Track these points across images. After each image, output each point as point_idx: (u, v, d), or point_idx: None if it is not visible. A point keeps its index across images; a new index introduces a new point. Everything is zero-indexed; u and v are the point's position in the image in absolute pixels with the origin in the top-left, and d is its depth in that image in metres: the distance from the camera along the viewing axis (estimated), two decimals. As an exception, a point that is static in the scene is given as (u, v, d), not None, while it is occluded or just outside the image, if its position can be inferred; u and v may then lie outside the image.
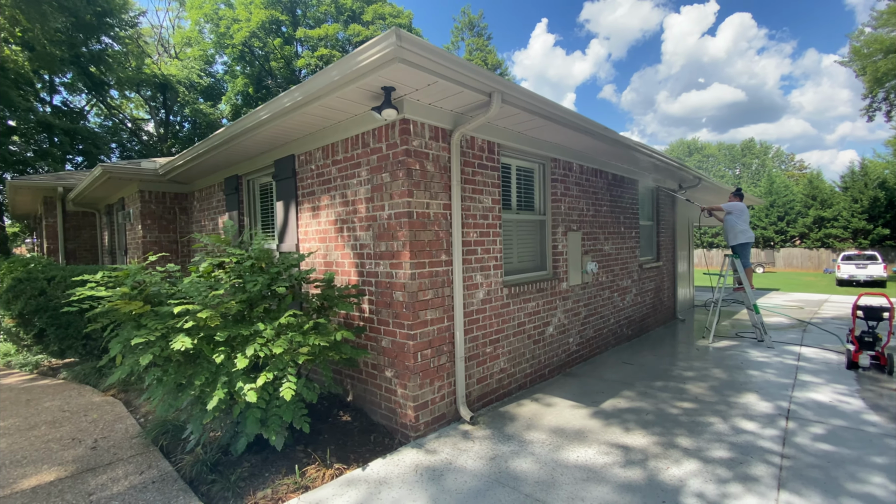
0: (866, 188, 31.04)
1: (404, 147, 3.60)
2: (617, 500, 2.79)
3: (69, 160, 23.55)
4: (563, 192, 5.70)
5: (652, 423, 3.99)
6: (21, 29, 10.35)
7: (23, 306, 5.69)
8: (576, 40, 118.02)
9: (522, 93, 3.72)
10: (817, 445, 3.51)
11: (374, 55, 2.83)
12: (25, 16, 10.12)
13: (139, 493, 2.96)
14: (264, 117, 4.06)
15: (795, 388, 4.89)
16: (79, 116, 24.62)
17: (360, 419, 4.04)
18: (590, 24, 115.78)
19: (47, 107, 22.06)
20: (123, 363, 2.62)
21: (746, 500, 2.76)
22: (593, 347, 6.36)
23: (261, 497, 2.86)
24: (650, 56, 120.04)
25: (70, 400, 4.98)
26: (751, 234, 7.45)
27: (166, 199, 7.49)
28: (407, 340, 3.66)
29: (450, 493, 2.88)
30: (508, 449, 3.49)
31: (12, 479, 3.24)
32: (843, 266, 22.01)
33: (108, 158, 26.87)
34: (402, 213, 3.65)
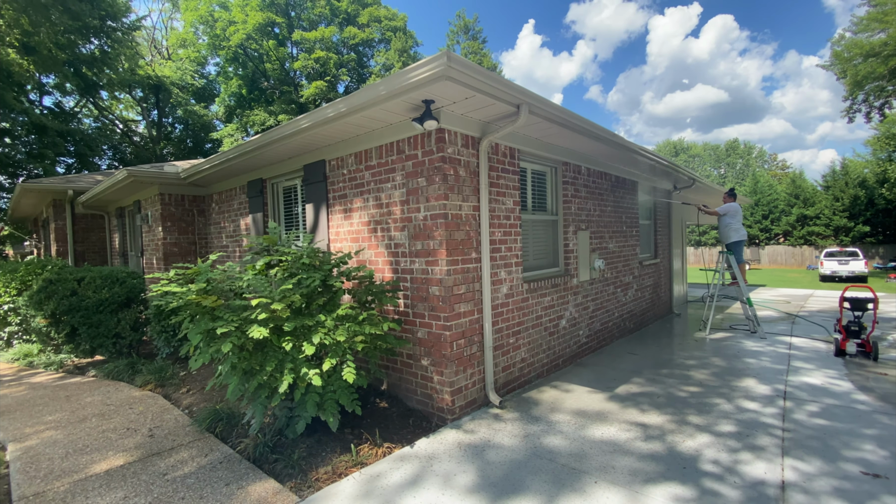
0: (847, 187, 32.11)
1: (440, 154, 3.92)
2: (643, 467, 3.15)
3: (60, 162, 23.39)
4: (573, 194, 6.07)
5: (664, 404, 4.37)
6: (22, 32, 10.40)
7: (55, 306, 5.88)
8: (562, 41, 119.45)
9: (547, 104, 4.07)
10: (814, 421, 3.91)
11: (424, 73, 3.15)
12: (31, 20, 10.20)
13: (211, 471, 3.24)
14: (305, 125, 4.35)
15: (789, 374, 5.32)
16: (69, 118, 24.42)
17: (396, 405, 4.35)
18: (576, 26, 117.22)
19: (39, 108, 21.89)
20: (205, 351, 2.90)
21: (757, 465, 3.14)
22: (600, 339, 6.74)
23: (323, 472, 3.16)
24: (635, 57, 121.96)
25: (109, 395, 5.20)
26: (744, 232, 7.92)
27: (185, 202, 7.71)
28: (444, 331, 3.99)
29: (494, 464, 3.21)
30: (538, 428, 3.83)
31: (82, 464, 3.49)
32: (825, 262, 22.85)
33: (100, 160, 26.70)
34: (438, 214, 3.97)
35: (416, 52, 28.50)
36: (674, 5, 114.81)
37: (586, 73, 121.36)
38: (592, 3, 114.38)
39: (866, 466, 3.12)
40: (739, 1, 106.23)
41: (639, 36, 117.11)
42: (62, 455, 3.66)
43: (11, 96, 16.72)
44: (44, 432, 4.17)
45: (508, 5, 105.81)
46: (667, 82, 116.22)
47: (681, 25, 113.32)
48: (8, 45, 11.62)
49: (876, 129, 31.45)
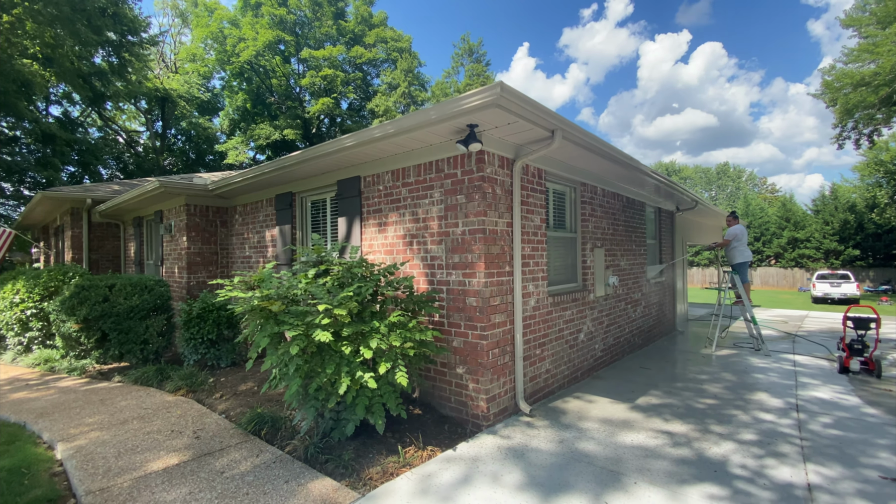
0: (836, 211, 32.92)
1: (480, 174, 4.20)
2: (676, 469, 3.36)
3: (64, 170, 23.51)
4: (590, 213, 6.37)
5: (684, 414, 4.59)
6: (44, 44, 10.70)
7: (88, 311, 6.00)
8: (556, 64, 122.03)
9: (579, 130, 4.38)
10: (828, 431, 4.15)
11: (476, 101, 3.44)
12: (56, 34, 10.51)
13: (266, 470, 3.39)
14: (349, 144, 4.62)
15: (798, 388, 5.57)
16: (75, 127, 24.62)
17: (429, 412, 4.52)
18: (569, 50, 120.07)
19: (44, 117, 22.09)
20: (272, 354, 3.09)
21: (782, 470, 3.36)
22: (613, 354, 6.97)
23: (375, 472, 3.33)
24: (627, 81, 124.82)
25: (143, 399, 5.31)
26: (749, 253, 8.26)
27: (209, 213, 7.91)
28: (480, 340, 4.20)
29: (536, 466, 3.40)
30: (570, 435, 4.03)
31: (138, 463, 3.62)
32: (818, 285, 23.33)
33: (104, 169, 26.83)
34: (476, 229, 4.23)
35: (419, 72, 29.22)
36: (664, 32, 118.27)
37: (579, 96, 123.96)
38: (585, 28, 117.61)
39: (884, 472, 3.34)
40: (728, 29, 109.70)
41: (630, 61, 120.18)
42: (115, 454, 3.78)
43: (23, 105, 16.95)
44: (89, 433, 4.28)
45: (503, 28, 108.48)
46: (657, 106, 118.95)
47: (671, 51, 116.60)
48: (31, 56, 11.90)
49: (864, 156, 32.51)
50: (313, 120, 27.13)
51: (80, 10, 10.56)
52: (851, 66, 22.48)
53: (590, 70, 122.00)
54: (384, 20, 28.70)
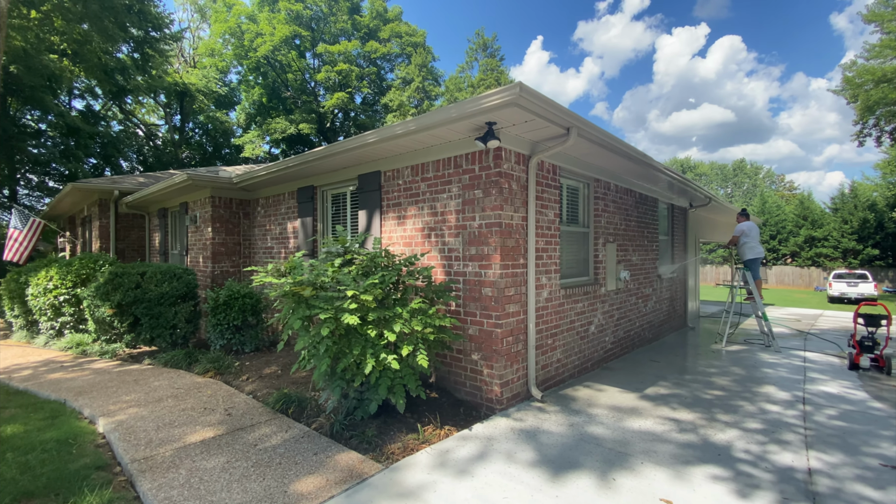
0: (856, 210, 32.34)
1: (497, 169, 4.38)
2: (681, 453, 3.54)
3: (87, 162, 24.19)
4: (602, 209, 6.51)
5: (692, 404, 4.74)
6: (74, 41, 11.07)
7: (121, 297, 6.34)
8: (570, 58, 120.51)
9: (593, 128, 4.53)
10: (833, 422, 4.28)
11: (496, 100, 3.62)
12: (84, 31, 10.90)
13: (296, 443, 3.65)
14: (372, 140, 4.83)
15: (806, 383, 5.67)
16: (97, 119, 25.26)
17: (445, 396, 4.74)
18: (583, 43, 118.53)
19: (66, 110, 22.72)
20: (304, 336, 3.33)
21: (784, 455, 3.51)
22: (623, 347, 7.11)
23: (396, 448, 3.56)
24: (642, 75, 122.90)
25: (174, 380, 5.63)
26: (760, 250, 8.31)
27: (233, 205, 8.20)
28: (495, 328, 4.40)
29: (547, 446, 3.60)
30: (580, 419, 4.22)
31: (177, 436, 3.90)
32: (834, 284, 23.06)
33: (124, 162, 27.48)
34: (493, 223, 4.42)
35: (433, 67, 29.31)
36: (681, 25, 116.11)
37: (593, 90, 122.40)
38: (600, 21, 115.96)
39: (885, 460, 3.48)
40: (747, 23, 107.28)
41: (646, 54, 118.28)
42: (154, 428, 4.07)
43: (49, 100, 17.50)
44: (127, 409, 4.59)
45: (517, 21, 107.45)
46: (673, 101, 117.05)
47: (688, 45, 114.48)
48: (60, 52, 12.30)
49: (886, 153, 31.85)
50: (327, 114, 27.43)
51: (109, 8, 10.92)
52: (873, 63, 22.05)
53: (604, 64, 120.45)
54: (399, 15, 28.81)
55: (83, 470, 3.39)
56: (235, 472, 3.22)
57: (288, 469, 3.24)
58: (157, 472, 3.23)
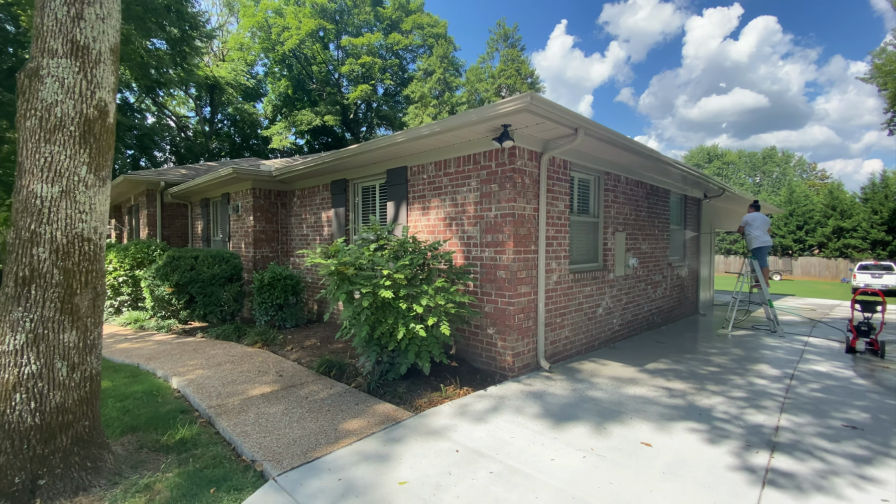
0: (886, 200, 31.51)
1: (511, 166, 4.96)
2: (667, 412, 4.11)
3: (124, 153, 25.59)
4: (612, 200, 7.00)
5: (686, 377, 5.29)
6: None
7: (179, 277, 7.19)
8: (595, 42, 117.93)
9: (599, 127, 5.05)
10: (812, 394, 4.77)
11: (510, 107, 4.19)
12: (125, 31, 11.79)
13: (340, 397, 4.37)
14: (401, 140, 5.46)
15: (800, 363, 6.12)
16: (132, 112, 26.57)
17: (463, 365, 5.40)
18: (609, 27, 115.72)
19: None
20: (348, 307, 4.01)
21: (758, 416, 4.06)
22: (631, 329, 7.64)
23: (423, 402, 4.24)
24: (670, 59, 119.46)
25: (228, 350, 6.45)
26: (766, 239, 8.64)
27: (271, 196, 8.99)
28: (508, 306, 5.02)
29: (551, 404, 4.23)
30: (582, 386, 4.82)
31: (240, 391, 4.68)
32: (858, 275, 22.76)
33: (159, 153, 28.87)
34: (507, 213, 5.01)
35: (454, 57, 29.64)
36: (713, 6, 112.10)
37: (618, 76, 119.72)
38: (627, 3, 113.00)
39: (848, 422, 3.98)
40: (783, 2, 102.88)
41: (675, 38, 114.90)
42: (220, 385, 4.86)
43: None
44: (194, 371, 5.41)
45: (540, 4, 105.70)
46: (703, 86, 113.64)
47: (720, 27, 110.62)
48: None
49: None
50: (351, 105, 28.17)
51: (151, 9, 11.77)
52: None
53: (631, 48, 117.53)
54: (420, 6, 29.17)
55: (170, 412, 4.18)
56: (293, 415, 3.95)
57: (335, 414, 3.96)
58: (230, 415, 4.00)
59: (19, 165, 2.71)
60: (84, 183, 2.79)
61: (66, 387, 2.73)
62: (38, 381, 2.64)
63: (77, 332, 2.77)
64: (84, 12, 2.78)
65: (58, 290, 2.68)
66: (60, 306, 2.69)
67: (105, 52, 2.89)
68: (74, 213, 2.75)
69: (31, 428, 2.62)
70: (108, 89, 2.93)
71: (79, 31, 2.76)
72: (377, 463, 3.09)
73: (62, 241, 2.70)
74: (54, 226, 2.68)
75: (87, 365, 2.85)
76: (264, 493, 2.74)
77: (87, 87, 2.80)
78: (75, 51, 2.75)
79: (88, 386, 2.87)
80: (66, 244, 2.71)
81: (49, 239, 2.67)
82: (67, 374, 2.74)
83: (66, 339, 2.72)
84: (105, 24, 2.88)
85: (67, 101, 2.73)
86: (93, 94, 2.82)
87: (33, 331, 2.63)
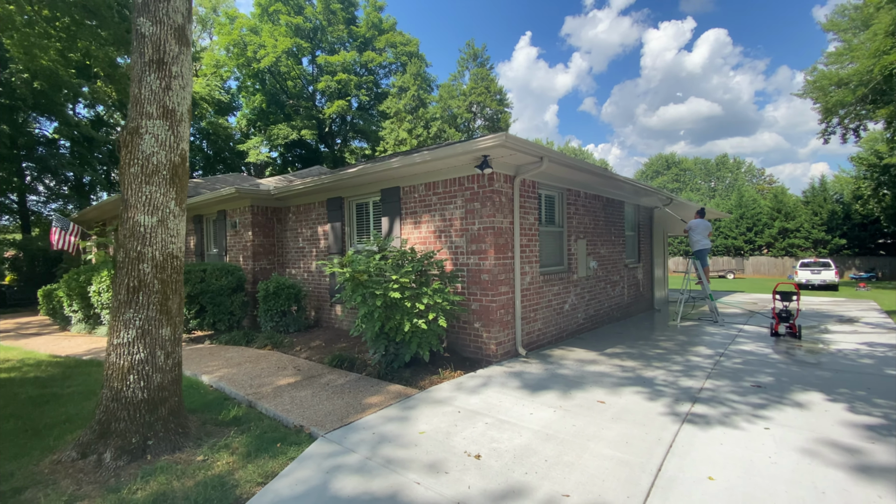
0: (825, 202, 34.57)
1: (491, 188, 6.02)
2: (619, 382, 5.21)
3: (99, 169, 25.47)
4: (574, 212, 8.17)
5: (637, 357, 6.44)
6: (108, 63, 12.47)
7: (190, 289, 7.88)
8: (558, 53, 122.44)
9: (559, 155, 6.18)
10: (735, 366, 5.99)
11: (489, 143, 5.25)
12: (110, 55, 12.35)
13: (355, 383, 5.27)
14: (396, 165, 6.44)
15: (731, 345, 7.40)
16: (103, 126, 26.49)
17: (454, 355, 6.38)
18: (571, 39, 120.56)
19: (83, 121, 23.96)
20: (361, 306, 4.94)
21: (688, 382, 5.21)
22: (593, 322, 8.81)
23: (425, 382, 5.20)
24: (630, 70, 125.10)
25: (242, 352, 7.21)
26: (706, 242, 10.04)
27: (268, 212, 9.76)
28: (491, 304, 6.05)
29: (528, 379, 5.26)
30: (553, 367, 5.89)
31: (267, 382, 5.50)
32: (800, 272, 25.11)
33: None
34: (488, 227, 6.06)
35: (426, 73, 30.88)
36: (668, 20, 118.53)
37: (581, 86, 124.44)
38: (587, 17, 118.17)
39: (756, 383, 5.19)
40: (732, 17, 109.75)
41: (633, 49, 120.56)
42: (247, 379, 5.67)
43: (63, 110, 18.82)
44: (219, 370, 6.18)
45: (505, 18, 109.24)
46: (661, 95, 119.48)
47: (675, 39, 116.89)
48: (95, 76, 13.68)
49: (861, 147, 33.99)
50: (326, 120, 28.87)
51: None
52: (832, 68, 24.00)
53: (592, 59, 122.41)
54: (393, 25, 30.31)
55: (215, 400, 4.99)
56: (321, 396, 4.84)
57: (356, 394, 4.87)
58: (267, 399, 4.84)
59: (125, 202, 3.56)
60: (173, 214, 3.66)
61: (163, 370, 3.57)
62: (145, 366, 3.47)
63: (170, 328, 3.62)
64: (171, 84, 3.67)
65: (157, 295, 3.53)
66: (159, 308, 3.54)
67: (185, 112, 3.77)
68: (167, 236, 3.61)
69: (140, 401, 3.45)
70: (186, 140, 3.81)
71: (168, 98, 3.64)
72: (399, 422, 4.03)
73: (159, 259, 3.56)
74: (154, 247, 3.54)
75: (176, 354, 3.70)
76: (319, 445, 3.64)
77: (174, 140, 3.68)
78: (165, 113, 3.63)
79: (177, 370, 3.71)
80: (162, 261, 3.57)
81: (151, 257, 3.52)
82: (164, 361, 3.58)
83: (163, 333, 3.57)
84: (185, 91, 3.77)
85: (161, 152, 3.60)
86: (178, 145, 3.70)
87: (141, 327, 3.47)
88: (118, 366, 3.42)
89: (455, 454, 3.41)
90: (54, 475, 3.22)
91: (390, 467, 3.22)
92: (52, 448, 3.70)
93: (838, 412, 4.22)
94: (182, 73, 3.75)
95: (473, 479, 3.05)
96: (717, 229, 38.32)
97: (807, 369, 5.76)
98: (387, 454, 3.43)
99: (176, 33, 3.72)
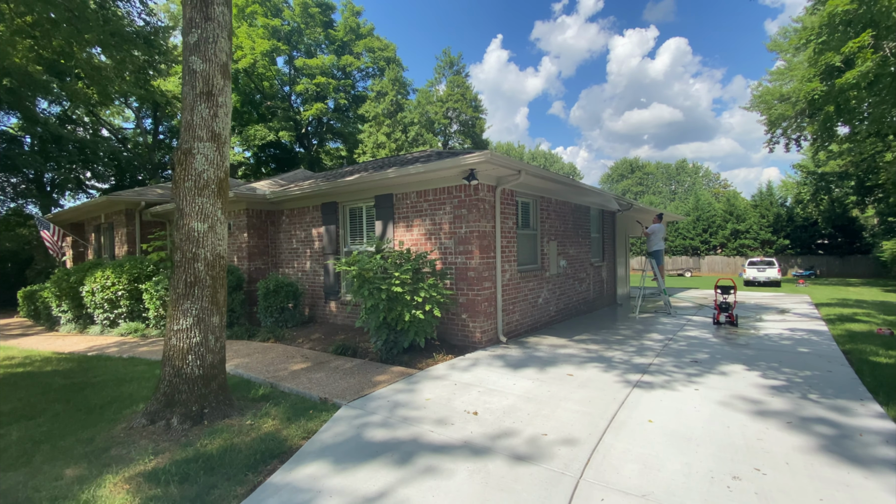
0: (772, 206, 37.45)
1: (476, 196, 6.93)
2: (584, 360, 6.23)
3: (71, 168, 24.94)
4: (546, 217, 9.21)
5: (600, 342, 7.51)
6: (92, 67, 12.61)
7: (194, 288, 8.42)
8: (528, 57, 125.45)
9: (534, 168, 7.16)
10: (679, 347, 7.13)
11: (476, 159, 6.16)
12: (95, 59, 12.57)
13: (361, 366, 6.07)
14: (392, 176, 7.26)
15: (679, 332, 8.60)
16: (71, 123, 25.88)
17: (444, 343, 7.26)
18: (541, 43, 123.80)
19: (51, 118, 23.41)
20: (367, 300, 5.74)
21: (640, 360, 6.28)
22: (564, 315, 9.88)
23: (423, 364, 6.05)
24: (597, 75, 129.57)
25: (247, 345, 7.84)
26: (661, 244, 11.32)
27: (262, 215, 10.34)
28: (476, 297, 6.96)
29: (509, 360, 6.21)
30: (530, 350, 6.86)
31: (282, 367, 6.21)
32: (748, 270, 27.34)
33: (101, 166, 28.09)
34: (474, 230, 6.97)
35: (404, 78, 31.64)
36: (632, 27, 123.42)
37: (550, 89, 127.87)
38: (556, 22, 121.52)
39: (693, 360, 6.31)
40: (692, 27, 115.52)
41: (600, 55, 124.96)
42: (261, 366, 6.36)
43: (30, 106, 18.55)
44: (232, 360, 6.82)
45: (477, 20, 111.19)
46: (626, 100, 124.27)
47: (639, 46, 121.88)
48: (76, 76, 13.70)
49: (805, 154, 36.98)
50: (304, 121, 29.16)
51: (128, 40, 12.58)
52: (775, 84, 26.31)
53: (561, 64, 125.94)
54: (371, 31, 30.89)
55: (239, 383, 5.68)
56: (334, 377, 5.62)
57: (364, 374, 5.67)
58: (287, 380, 5.58)
59: (180, 210, 4.26)
60: (220, 221, 4.38)
61: (213, 351, 4.29)
62: (200, 348, 4.19)
63: (219, 316, 4.35)
64: (218, 112, 4.39)
65: (209, 289, 4.25)
66: (211, 299, 4.26)
67: (228, 136, 4.50)
68: (216, 240, 4.34)
69: (197, 377, 4.16)
70: (229, 159, 4.53)
71: (215, 124, 4.37)
72: (408, 393, 4.88)
73: (210, 259, 4.28)
74: (206, 249, 4.26)
75: (223, 338, 4.42)
76: (345, 410, 4.44)
77: (220, 159, 4.40)
78: (213, 137, 4.36)
79: (223, 352, 4.44)
80: (212, 260, 4.29)
81: (203, 257, 4.24)
82: (214, 343, 4.30)
83: (213, 321, 4.29)
84: (227, 118, 4.50)
85: (210, 169, 4.32)
86: (223, 163, 4.43)
87: (196, 315, 4.18)
88: (178, 348, 4.13)
89: (457, 412, 4.29)
90: (130, 437, 3.90)
91: (408, 422, 4.08)
92: (115, 420, 4.35)
93: (753, 378, 5.35)
94: (226, 102, 4.48)
95: (474, 427, 3.95)
96: (676, 230, 40.72)
97: (737, 349, 6.96)
98: (403, 414, 4.28)
99: (221, 69, 4.44)
